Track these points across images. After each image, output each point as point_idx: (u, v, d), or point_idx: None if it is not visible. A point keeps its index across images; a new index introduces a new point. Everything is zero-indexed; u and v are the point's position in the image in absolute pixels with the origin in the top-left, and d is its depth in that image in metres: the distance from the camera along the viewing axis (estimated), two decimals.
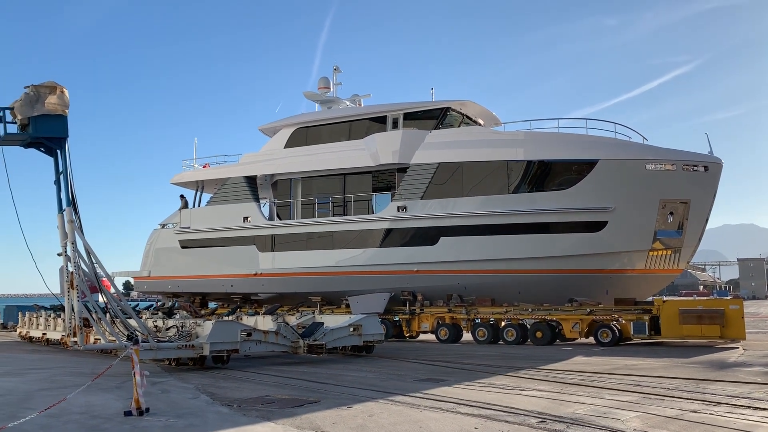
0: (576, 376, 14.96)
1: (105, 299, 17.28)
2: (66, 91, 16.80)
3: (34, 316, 28.05)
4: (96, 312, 16.86)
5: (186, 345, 16.61)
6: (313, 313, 23.48)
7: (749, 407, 10.57)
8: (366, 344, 20.28)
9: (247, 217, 32.08)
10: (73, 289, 16.31)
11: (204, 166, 35.69)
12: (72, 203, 16.85)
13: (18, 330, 30.46)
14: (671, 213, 25.97)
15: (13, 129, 17.17)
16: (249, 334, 17.31)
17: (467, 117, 30.56)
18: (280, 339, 18.25)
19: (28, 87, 16.59)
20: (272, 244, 31.33)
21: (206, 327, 17.23)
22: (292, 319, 21.76)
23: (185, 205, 35.44)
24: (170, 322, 19.87)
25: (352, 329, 19.84)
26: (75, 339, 16.48)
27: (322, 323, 20.05)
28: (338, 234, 29.78)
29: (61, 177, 17.07)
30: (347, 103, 34.49)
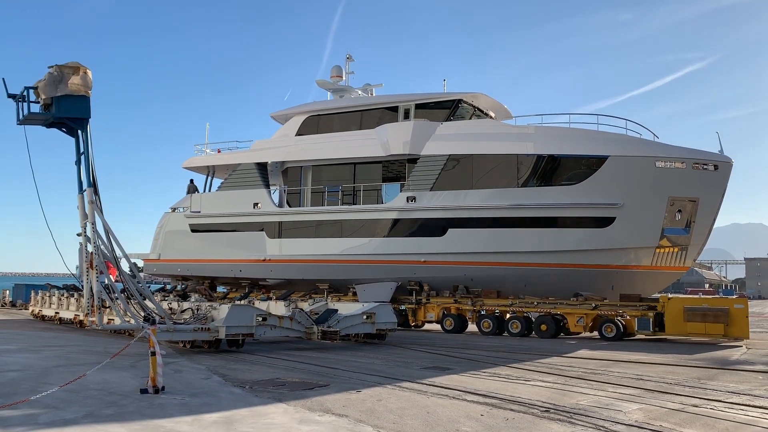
0: (579, 368, 15.21)
1: (123, 280, 17.54)
2: (89, 72, 16.94)
3: (47, 295, 28.47)
4: (114, 292, 17.13)
5: (202, 328, 16.83)
6: (326, 300, 23.68)
7: (749, 403, 10.80)
8: (379, 332, 20.44)
9: (257, 204, 32.38)
10: (92, 269, 16.57)
11: (217, 152, 36.01)
12: (92, 184, 17.06)
13: (31, 308, 30.91)
14: (679, 211, 26.09)
15: (35, 109, 17.29)
16: (264, 319, 17.49)
17: (478, 109, 30.69)
18: (295, 324, 18.43)
19: (52, 67, 16.70)
20: (281, 230, 31.63)
21: (222, 310, 17.44)
22: (305, 306, 21.87)
23: (193, 189, 35.83)
24: (185, 305, 20.08)
25: (365, 317, 19.98)
26: (93, 318, 16.74)
27: (336, 310, 20.20)
28: (347, 222, 30.05)
29: (82, 157, 17.26)
30: (359, 92, 34.66)
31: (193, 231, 34.45)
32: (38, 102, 17.20)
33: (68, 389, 10.48)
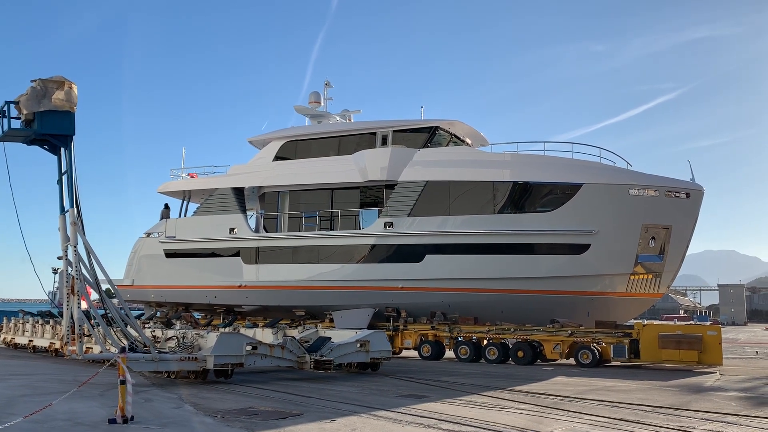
0: (555, 396, 15.18)
1: (106, 306, 16.87)
2: (75, 87, 16.13)
3: (20, 322, 27.59)
4: (95, 319, 16.44)
5: (189, 357, 15.96)
6: (316, 327, 23.07)
7: (722, 430, 10.85)
8: (373, 361, 19.59)
9: (233, 229, 32.14)
10: (73, 294, 15.89)
11: (190, 175, 35.75)
12: (75, 204, 16.43)
13: (2, 336, 29.89)
14: (653, 238, 26.43)
15: (16, 124, 16.52)
16: (254, 348, 16.65)
17: (455, 136, 30.96)
18: (286, 353, 17.51)
19: (35, 81, 15.91)
20: (257, 256, 31.39)
21: (210, 339, 16.55)
22: (295, 333, 20.91)
23: (167, 214, 35.48)
24: (170, 333, 19.01)
25: (359, 345, 19.08)
26: (73, 348, 15.99)
27: (329, 338, 19.22)
28: (324, 248, 29.93)
29: (65, 177, 16.59)
30: (337, 118, 34.78)
31: (167, 256, 34.03)
32: (19, 117, 16.41)
33: (33, 419, 10.19)
